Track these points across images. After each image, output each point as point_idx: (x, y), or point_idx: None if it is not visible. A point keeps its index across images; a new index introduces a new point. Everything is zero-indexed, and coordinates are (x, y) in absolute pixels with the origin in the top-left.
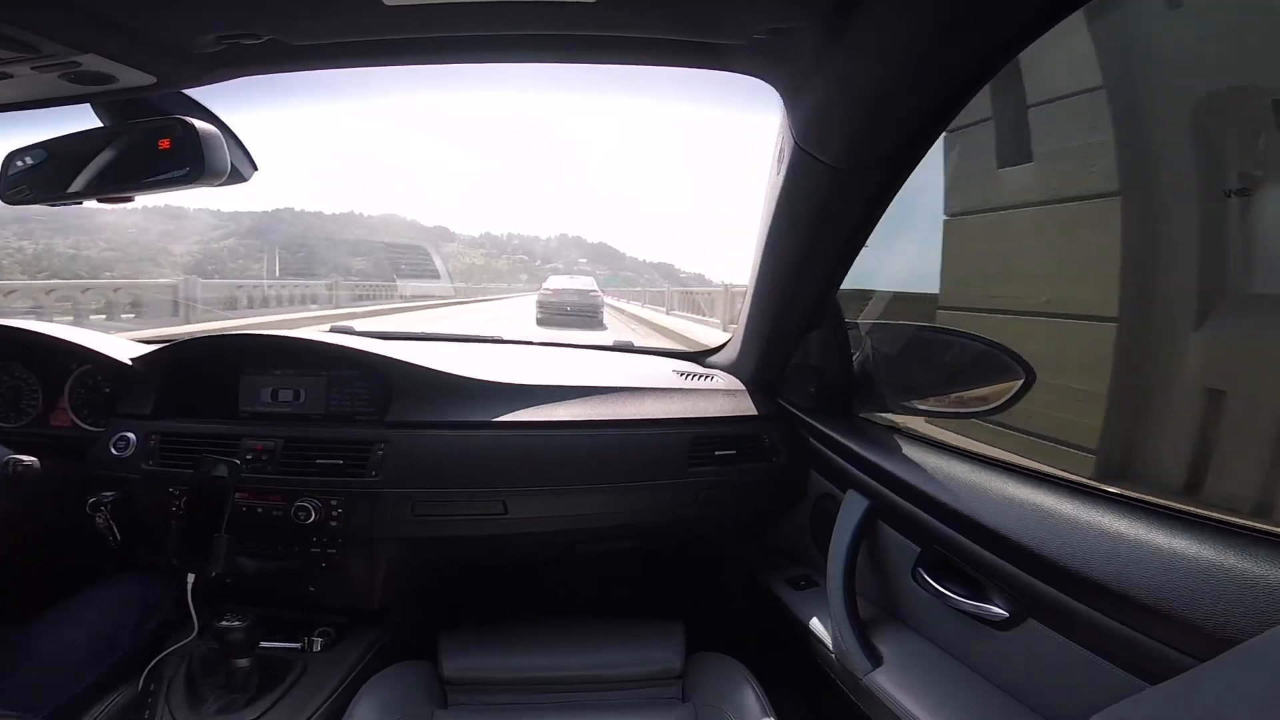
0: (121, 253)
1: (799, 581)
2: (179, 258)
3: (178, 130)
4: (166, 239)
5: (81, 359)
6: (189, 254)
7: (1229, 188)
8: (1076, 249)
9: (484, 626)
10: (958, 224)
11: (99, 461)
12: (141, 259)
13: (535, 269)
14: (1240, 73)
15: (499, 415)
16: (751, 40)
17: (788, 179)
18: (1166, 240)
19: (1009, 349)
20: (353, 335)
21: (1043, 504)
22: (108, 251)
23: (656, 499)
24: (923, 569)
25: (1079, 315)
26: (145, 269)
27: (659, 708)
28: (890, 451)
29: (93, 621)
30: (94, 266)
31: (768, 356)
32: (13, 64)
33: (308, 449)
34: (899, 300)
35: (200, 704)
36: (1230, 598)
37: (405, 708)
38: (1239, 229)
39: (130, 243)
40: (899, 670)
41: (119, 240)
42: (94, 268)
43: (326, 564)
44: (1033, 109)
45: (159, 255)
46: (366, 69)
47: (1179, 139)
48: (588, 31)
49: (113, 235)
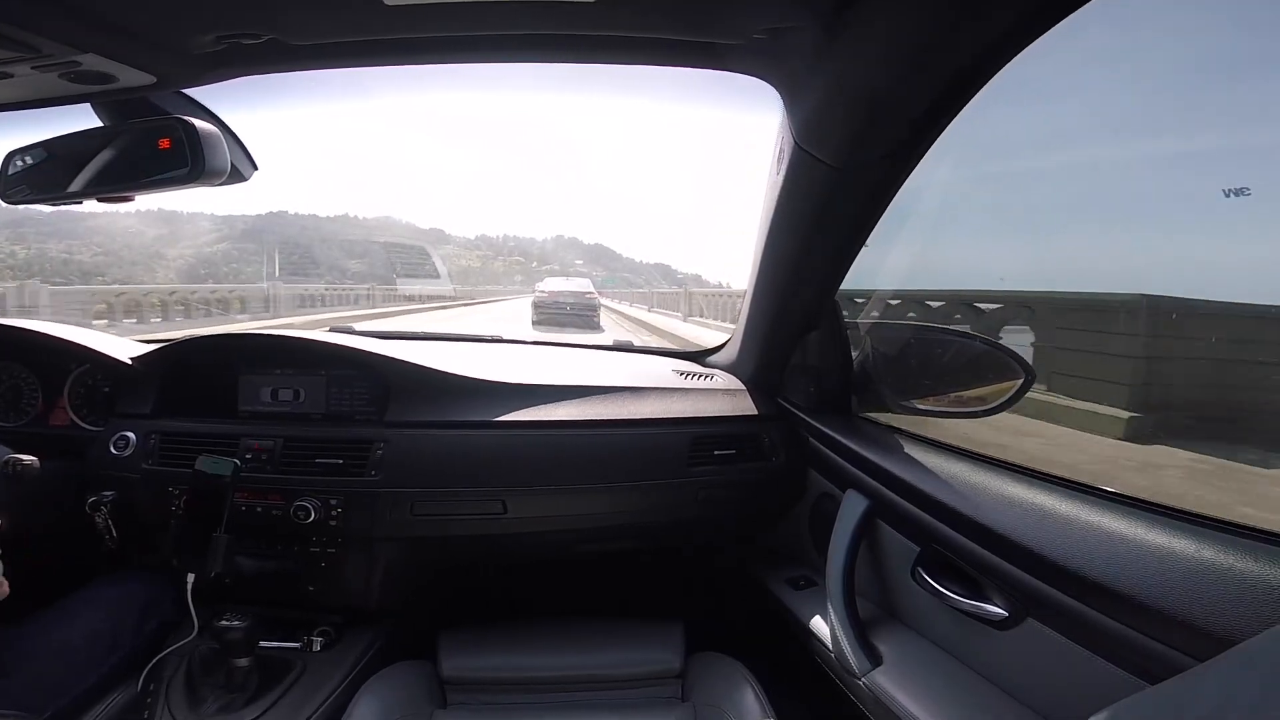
0: (114, 256)
1: (798, 581)
2: (172, 261)
3: (178, 130)
4: (160, 242)
5: (81, 358)
6: (182, 257)
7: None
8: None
9: (483, 626)
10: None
11: (99, 461)
12: (135, 263)
13: (531, 270)
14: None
15: (498, 415)
16: (750, 40)
17: (787, 178)
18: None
19: (1008, 348)
20: (352, 335)
21: (1042, 503)
22: (99, 255)
23: (656, 499)
24: (922, 568)
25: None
26: (136, 274)
27: (659, 708)
28: (889, 451)
29: (92, 621)
30: (86, 271)
31: (767, 356)
32: (13, 63)
33: (307, 448)
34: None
35: (200, 704)
36: (1230, 597)
37: (404, 708)
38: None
39: (124, 246)
40: (898, 670)
41: (112, 245)
42: (86, 273)
43: (326, 564)
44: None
45: (152, 259)
46: (365, 69)
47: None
48: (587, 31)
49: (104, 239)
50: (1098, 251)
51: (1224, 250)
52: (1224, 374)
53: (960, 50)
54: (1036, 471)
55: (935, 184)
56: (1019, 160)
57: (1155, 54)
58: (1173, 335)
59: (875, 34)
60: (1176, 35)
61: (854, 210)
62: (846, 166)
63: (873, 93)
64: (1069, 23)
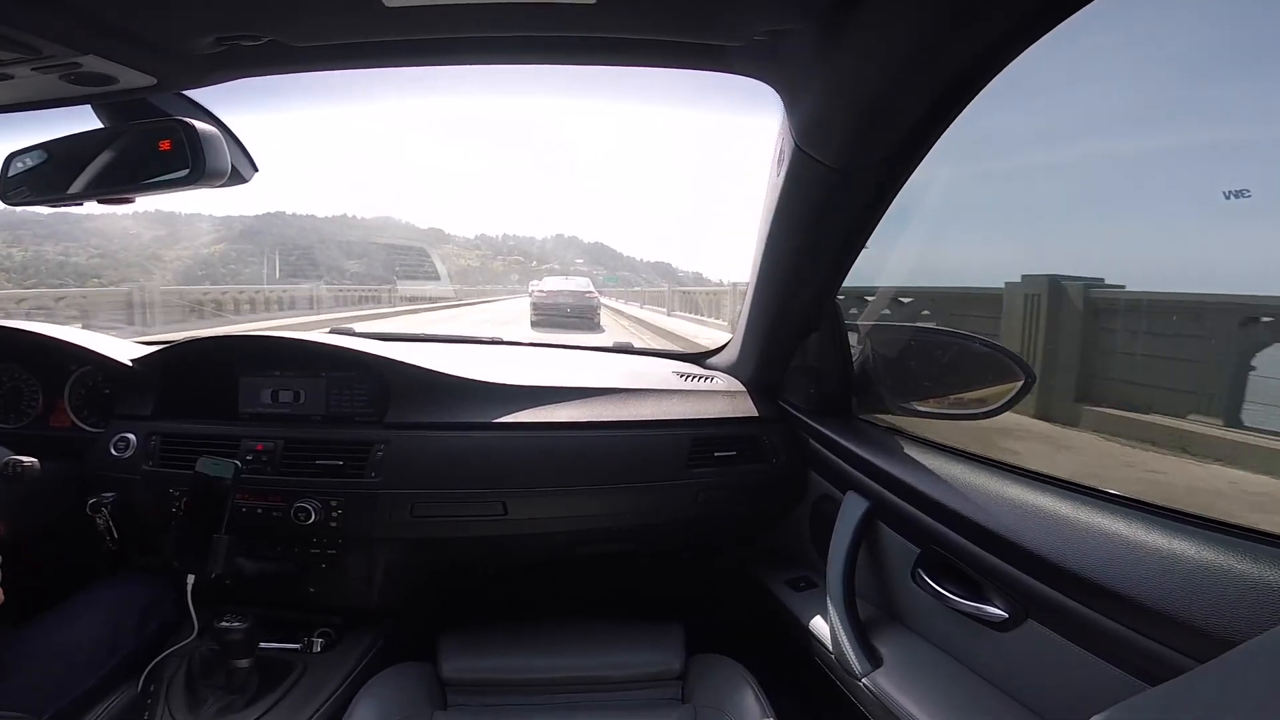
0: (110, 259)
1: (798, 582)
2: (169, 263)
3: (178, 131)
4: (158, 243)
5: (81, 360)
6: (179, 259)
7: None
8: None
9: (483, 628)
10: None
11: (99, 462)
12: (131, 265)
13: (530, 270)
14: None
15: (498, 416)
16: (750, 42)
17: (787, 180)
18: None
19: (1008, 350)
20: (352, 336)
21: (1042, 505)
22: (95, 257)
23: (656, 500)
24: (922, 570)
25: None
26: (133, 275)
27: (659, 709)
28: (890, 452)
29: (92, 623)
30: (82, 274)
31: (767, 358)
32: (13, 65)
33: (307, 450)
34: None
35: (200, 705)
36: (1230, 598)
37: (405, 709)
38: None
39: (120, 248)
40: (898, 671)
41: (109, 247)
42: (82, 275)
43: (326, 565)
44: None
45: (148, 261)
46: (366, 71)
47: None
48: (587, 33)
49: (101, 241)
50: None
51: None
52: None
53: (960, 53)
54: (1036, 473)
55: (936, 183)
56: (1026, 157)
57: (1158, 50)
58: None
59: (875, 36)
60: (1181, 31)
61: (854, 212)
62: (846, 168)
63: (872, 95)
64: (1068, 24)
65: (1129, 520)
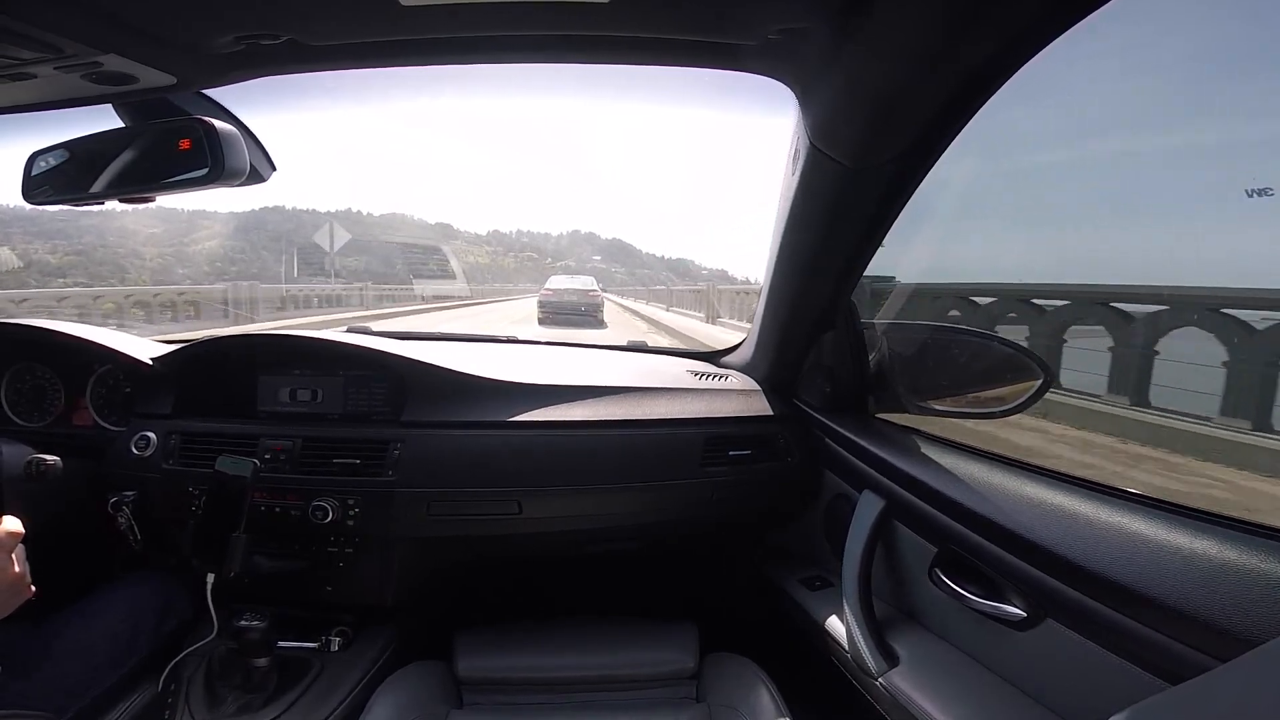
0: (110, 252)
1: (813, 582)
2: (189, 261)
3: (198, 130)
4: (154, 242)
5: (103, 359)
6: (202, 253)
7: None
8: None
9: (499, 626)
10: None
11: (119, 460)
12: (125, 263)
13: (545, 267)
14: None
15: (514, 415)
16: (764, 40)
17: (802, 178)
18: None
19: (1026, 349)
20: (369, 335)
21: (1061, 504)
22: (71, 256)
23: (670, 499)
24: (939, 569)
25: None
26: (130, 275)
27: (673, 708)
28: (906, 451)
29: (111, 622)
30: (94, 274)
31: (782, 356)
32: (36, 64)
33: (325, 449)
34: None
35: (219, 704)
36: (1253, 598)
37: (421, 708)
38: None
39: (118, 245)
40: (915, 670)
41: (106, 243)
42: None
43: (343, 563)
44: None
45: (147, 260)
46: (383, 69)
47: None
48: (602, 32)
49: (95, 237)
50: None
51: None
52: None
53: (975, 52)
54: (1054, 472)
55: (954, 180)
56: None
57: (1182, 49)
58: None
59: (889, 35)
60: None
61: (869, 210)
62: (861, 166)
63: (887, 93)
64: (1085, 23)
65: (1149, 519)
